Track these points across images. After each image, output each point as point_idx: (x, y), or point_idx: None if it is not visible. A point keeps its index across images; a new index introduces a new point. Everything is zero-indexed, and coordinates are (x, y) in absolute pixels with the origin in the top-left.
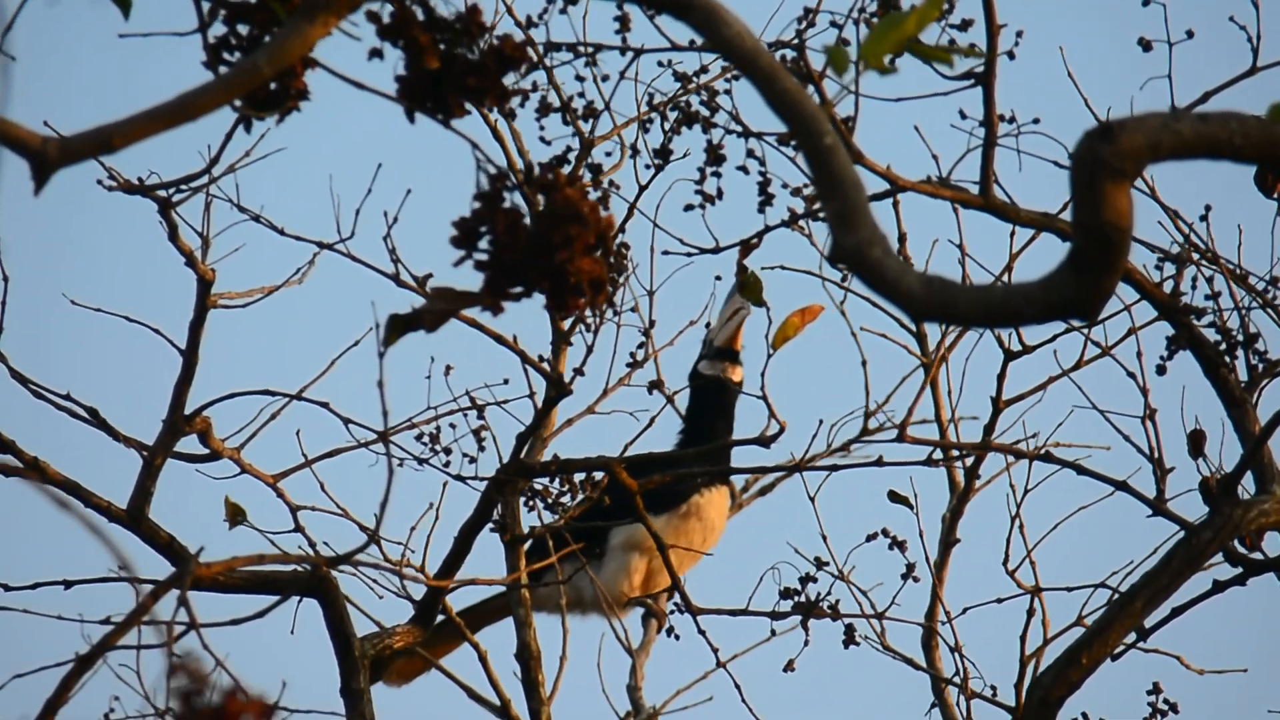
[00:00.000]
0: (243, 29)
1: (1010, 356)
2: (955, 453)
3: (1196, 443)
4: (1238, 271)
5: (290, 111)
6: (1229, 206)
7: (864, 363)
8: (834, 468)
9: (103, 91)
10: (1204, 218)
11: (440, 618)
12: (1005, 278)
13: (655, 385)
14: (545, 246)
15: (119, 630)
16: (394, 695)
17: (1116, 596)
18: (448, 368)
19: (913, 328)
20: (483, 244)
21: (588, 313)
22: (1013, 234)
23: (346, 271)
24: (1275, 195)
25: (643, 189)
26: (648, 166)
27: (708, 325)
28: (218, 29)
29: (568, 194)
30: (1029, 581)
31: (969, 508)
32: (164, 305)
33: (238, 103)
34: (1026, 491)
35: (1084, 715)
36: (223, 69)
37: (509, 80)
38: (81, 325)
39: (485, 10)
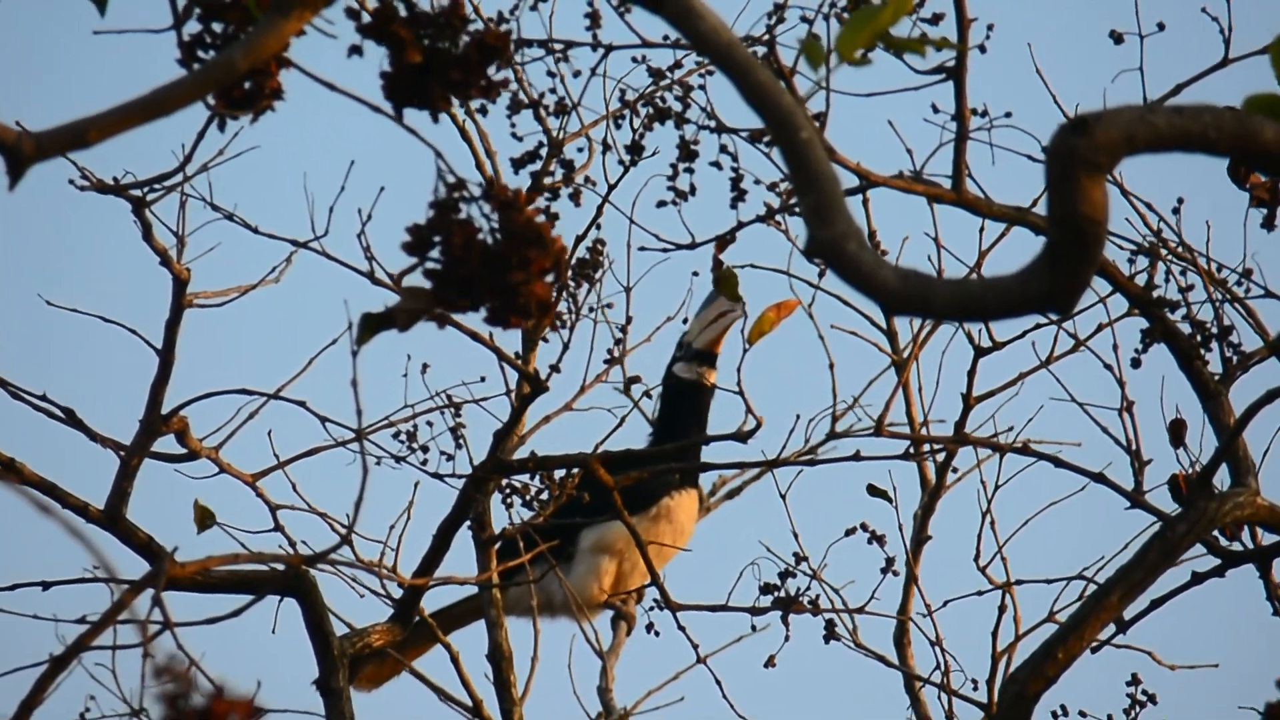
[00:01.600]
0: (217, 26)
1: (980, 353)
2: (935, 447)
3: (1177, 432)
4: (1211, 265)
5: (264, 111)
6: (1202, 199)
7: (831, 365)
8: (811, 463)
9: (77, 88)
10: (1176, 211)
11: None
12: (977, 273)
13: (632, 382)
14: (501, 265)
15: (94, 630)
16: (366, 697)
17: (1092, 590)
18: (424, 366)
19: (884, 325)
20: (434, 253)
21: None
22: (981, 229)
23: (322, 270)
24: (1248, 186)
25: (612, 186)
26: (620, 163)
27: (685, 320)
28: (192, 26)
29: (528, 215)
30: (1001, 578)
31: (941, 505)
32: (140, 305)
33: (212, 101)
34: (997, 487)
35: (1062, 707)
36: (197, 66)
37: (491, 71)
38: (57, 325)
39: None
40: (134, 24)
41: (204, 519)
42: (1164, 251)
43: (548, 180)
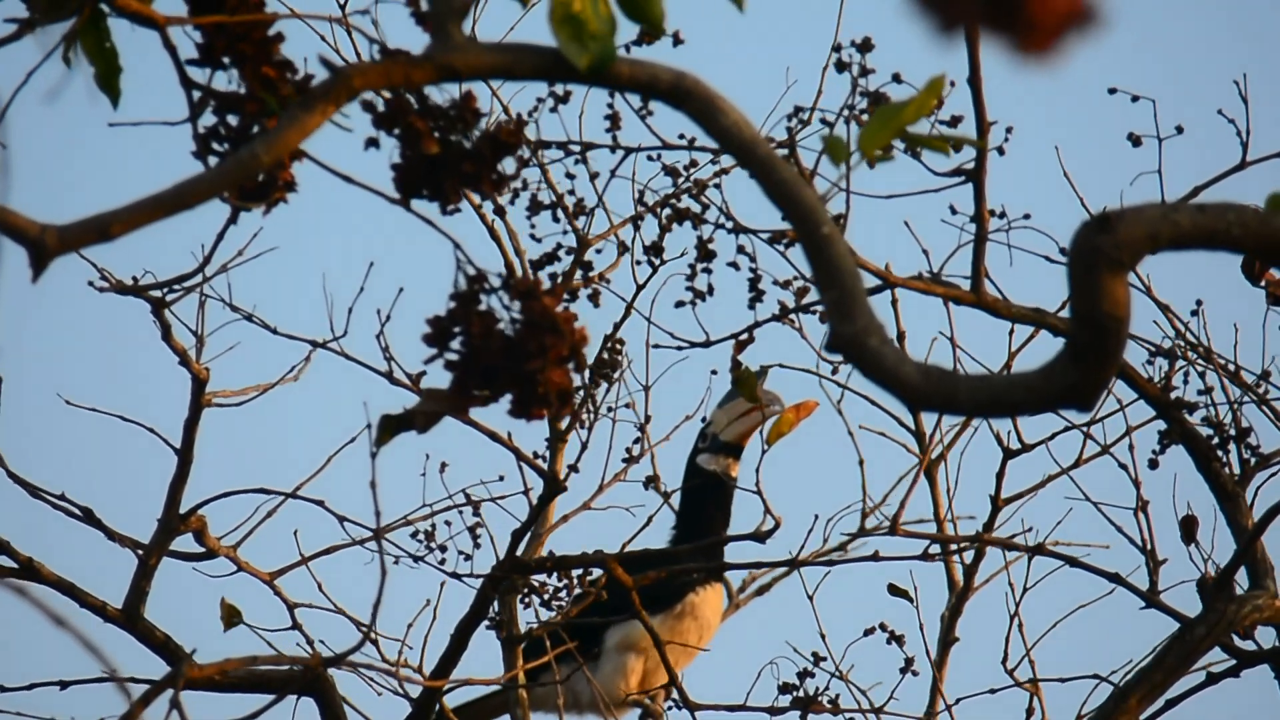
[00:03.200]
0: (232, 119)
1: (1009, 455)
2: (953, 548)
3: (1188, 529)
4: (1230, 366)
5: (277, 203)
6: (1220, 299)
7: (861, 461)
8: (830, 563)
9: (91, 181)
10: (1195, 312)
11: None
12: (1008, 370)
13: (651, 481)
14: (518, 353)
15: None
16: None
17: (1112, 692)
18: (443, 465)
19: (911, 425)
20: (455, 344)
21: (550, 419)
22: (1012, 331)
23: (341, 368)
24: (1263, 283)
25: (640, 288)
26: (638, 263)
27: (703, 420)
28: (207, 119)
29: (545, 303)
30: (1027, 680)
31: (968, 606)
32: (158, 404)
33: (225, 194)
34: (1025, 589)
35: None
36: (212, 159)
37: (504, 166)
38: (76, 425)
39: (480, 99)
40: (149, 116)
41: (230, 617)
42: (1182, 352)
43: (565, 279)
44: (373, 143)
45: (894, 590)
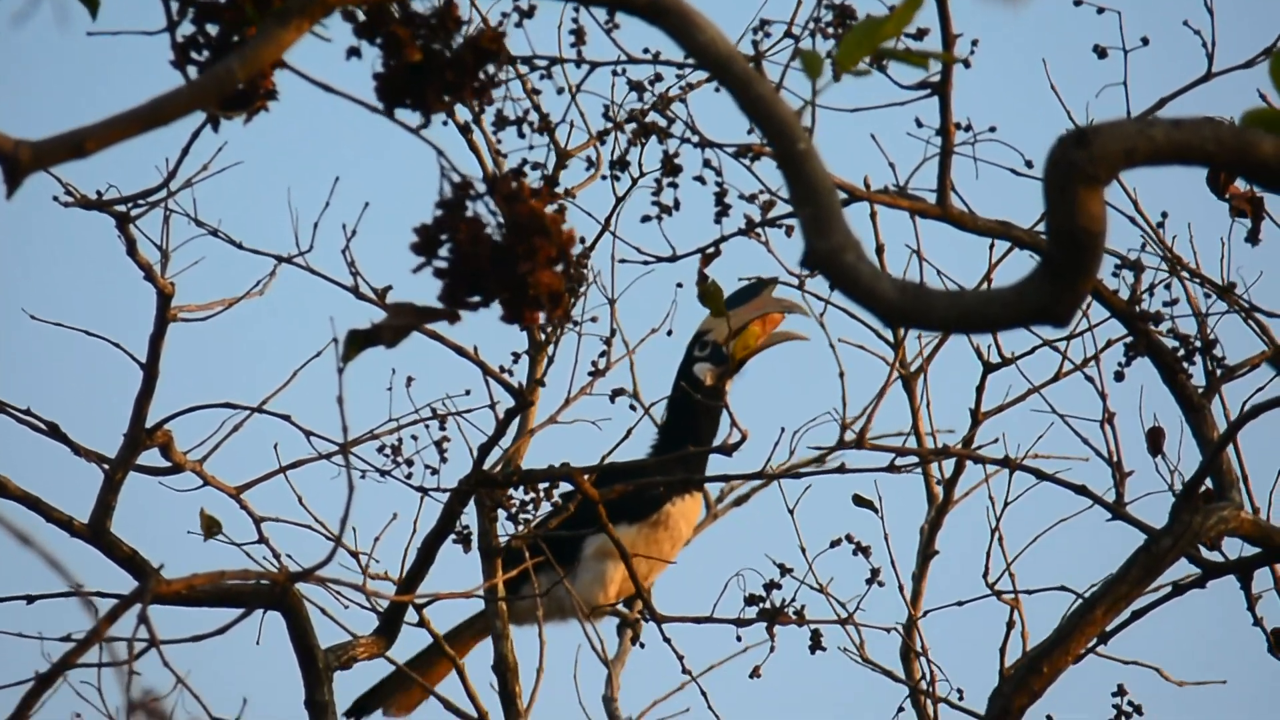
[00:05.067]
0: (211, 28)
1: (989, 368)
2: (930, 462)
3: (1155, 440)
4: (1196, 276)
5: (258, 112)
6: (1186, 210)
7: (841, 374)
8: (797, 475)
9: (68, 93)
10: (1161, 224)
11: (429, 642)
12: (988, 284)
13: (619, 393)
14: (508, 257)
15: (79, 648)
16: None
17: (1078, 604)
18: (409, 379)
19: (889, 338)
20: (443, 252)
21: (543, 324)
22: (991, 246)
23: (307, 283)
24: (1228, 196)
25: (619, 201)
26: (604, 178)
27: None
28: (186, 28)
29: (532, 205)
30: (1007, 595)
31: (949, 520)
32: (124, 319)
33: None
34: (1006, 504)
35: (1049, 718)
36: (191, 69)
37: (486, 73)
38: (41, 340)
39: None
40: (126, 26)
41: (210, 527)
42: (1154, 255)
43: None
44: (354, 52)
45: (859, 501)
